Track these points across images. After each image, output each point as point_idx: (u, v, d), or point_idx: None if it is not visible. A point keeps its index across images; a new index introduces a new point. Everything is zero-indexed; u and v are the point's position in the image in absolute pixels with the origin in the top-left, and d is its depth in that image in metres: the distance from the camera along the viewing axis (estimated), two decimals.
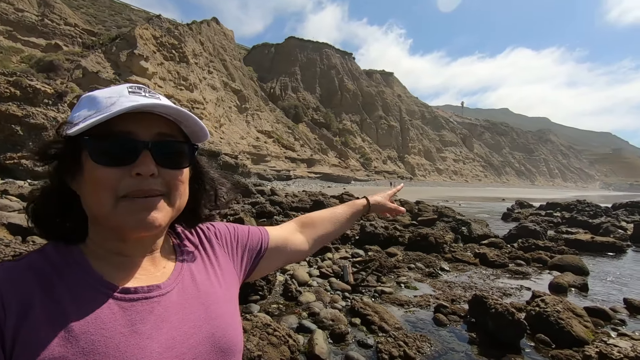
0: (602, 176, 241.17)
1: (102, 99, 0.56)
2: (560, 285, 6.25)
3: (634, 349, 3.15)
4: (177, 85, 46.38)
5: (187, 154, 0.62)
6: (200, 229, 0.78)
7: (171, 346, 0.55)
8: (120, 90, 0.58)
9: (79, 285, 0.54)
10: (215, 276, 0.71)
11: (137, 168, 0.54)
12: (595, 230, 13.24)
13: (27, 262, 0.54)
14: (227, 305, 0.68)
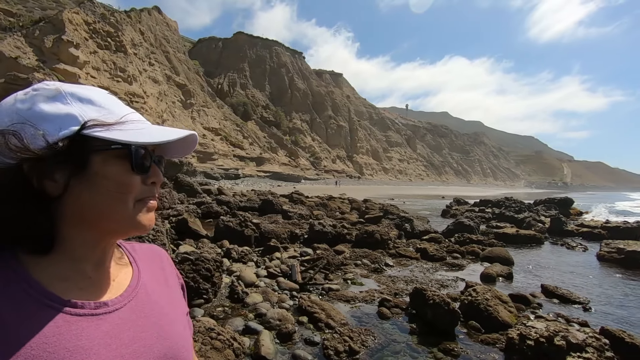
0: (526, 175, 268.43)
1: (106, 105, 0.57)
2: (490, 275, 6.85)
3: (548, 328, 3.56)
4: (113, 76, 42.81)
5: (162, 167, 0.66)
6: (158, 250, 0.79)
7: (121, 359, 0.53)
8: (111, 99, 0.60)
9: (18, 297, 0.48)
10: (170, 296, 0.70)
11: (153, 177, 0.60)
12: (519, 225, 14.70)
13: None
14: (180, 327, 0.67)
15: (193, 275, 4.58)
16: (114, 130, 0.53)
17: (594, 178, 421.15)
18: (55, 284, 0.53)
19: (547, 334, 3.48)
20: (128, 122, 0.56)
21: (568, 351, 3.32)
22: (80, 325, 0.51)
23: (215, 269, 4.86)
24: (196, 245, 7.19)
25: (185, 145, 0.67)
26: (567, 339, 3.39)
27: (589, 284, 7.05)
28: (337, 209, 17.64)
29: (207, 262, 4.78)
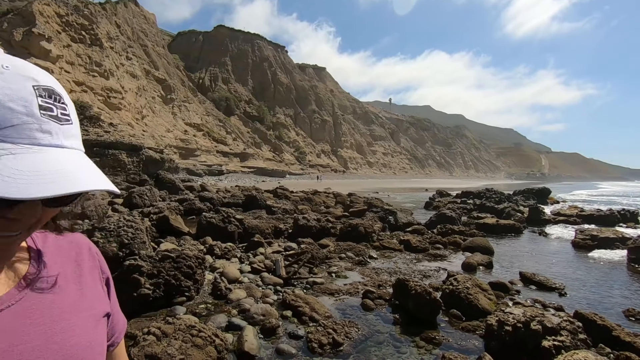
0: (506, 167, 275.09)
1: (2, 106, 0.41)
2: (471, 265, 7.00)
3: (525, 314, 3.66)
4: (88, 71, 41.30)
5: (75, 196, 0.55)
6: (79, 242, 0.67)
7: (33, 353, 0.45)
8: (26, 96, 0.43)
9: None
10: (79, 298, 0.58)
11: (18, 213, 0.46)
12: (499, 215, 15.08)
13: None
14: (85, 335, 0.55)
15: (174, 273, 4.50)
16: None
17: (571, 169, 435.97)
18: None
19: (524, 319, 3.58)
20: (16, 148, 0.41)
21: (544, 335, 3.43)
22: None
23: (197, 266, 4.79)
24: (178, 242, 7.07)
25: None
26: (543, 324, 3.50)
27: (565, 270, 7.31)
28: (322, 203, 17.67)
29: (189, 259, 4.70)
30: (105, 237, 5.16)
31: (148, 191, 12.94)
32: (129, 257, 4.85)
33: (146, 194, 12.74)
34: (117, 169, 24.33)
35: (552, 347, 3.31)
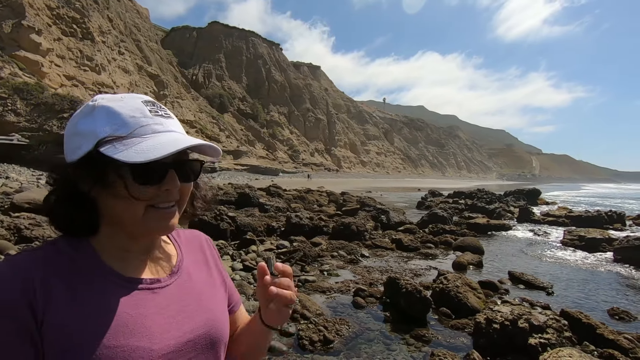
0: (497, 168, 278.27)
1: (126, 117, 0.62)
2: (461, 264, 7.09)
3: (512, 312, 3.73)
4: (79, 65, 40.68)
5: (198, 171, 0.73)
6: (198, 234, 0.89)
7: (167, 330, 0.64)
8: (139, 107, 0.64)
9: (90, 274, 0.62)
10: (208, 274, 0.81)
11: (167, 185, 0.63)
12: (490, 215, 15.26)
13: (43, 253, 0.61)
14: (217, 303, 0.78)
15: None
16: (120, 147, 0.59)
17: (560, 170, 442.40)
18: (117, 265, 0.66)
19: (512, 317, 3.65)
20: (136, 137, 0.61)
21: (530, 332, 3.50)
22: (138, 296, 0.64)
23: None
24: None
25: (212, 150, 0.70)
26: (530, 322, 3.57)
27: (552, 269, 7.44)
28: (315, 201, 17.69)
29: None
30: None
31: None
32: None
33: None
34: None
35: (539, 345, 3.38)
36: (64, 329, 0.55)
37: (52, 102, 25.93)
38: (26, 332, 0.54)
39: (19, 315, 0.54)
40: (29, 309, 0.54)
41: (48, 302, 0.56)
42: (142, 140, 0.61)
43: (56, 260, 0.61)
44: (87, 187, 0.62)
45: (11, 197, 10.66)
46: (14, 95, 24.68)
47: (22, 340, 0.53)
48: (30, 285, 0.55)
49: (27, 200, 9.58)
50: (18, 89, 25.22)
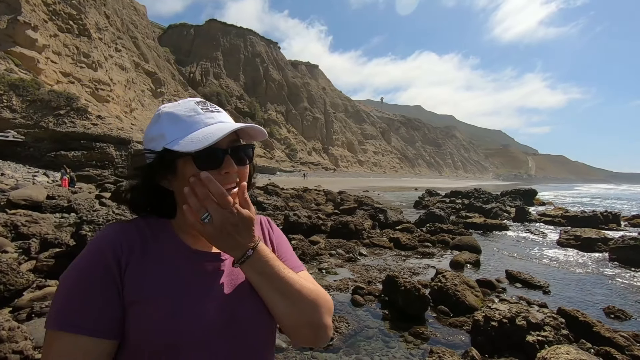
0: (494, 168, 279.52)
1: (184, 117, 0.75)
2: (459, 263, 7.13)
3: (510, 310, 3.76)
4: (76, 62, 40.37)
5: (251, 154, 0.82)
6: (258, 217, 0.96)
7: (220, 297, 0.74)
8: (193, 107, 0.77)
9: (164, 245, 0.76)
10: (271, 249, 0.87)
11: (225, 169, 0.74)
12: (487, 214, 15.34)
13: (135, 223, 0.77)
14: None
15: None
16: (180, 141, 0.71)
17: (556, 171, 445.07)
18: (189, 240, 0.79)
19: (510, 315, 3.67)
20: (193, 131, 0.73)
21: (528, 330, 3.53)
22: (202, 267, 0.76)
23: None
24: None
25: (257, 131, 0.80)
26: (528, 319, 3.60)
27: (549, 268, 7.50)
28: (313, 200, 17.70)
29: None
30: (93, 231, 5.09)
31: None
32: None
33: None
34: (105, 163, 23.91)
35: (536, 342, 3.41)
36: (139, 282, 0.69)
37: (48, 99, 25.74)
38: (112, 279, 0.68)
39: (109, 266, 0.68)
40: (115, 261, 0.69)
41: (130, 258, 0.70)
42: (197, 132, 0.72)
43: (141, 230, 0.76)
44: (163, 180, 0.77)
45: (7, 194, 10.59)
46: (10, 91, 24.47)
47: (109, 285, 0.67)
48: (119, 245, 0.70)
49: (23, 197, 9.52)
50: (14, 85, 25.01)
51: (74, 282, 0.67)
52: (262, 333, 0.78)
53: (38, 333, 3.17)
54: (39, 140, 23.11)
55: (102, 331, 0.65)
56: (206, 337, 0.70)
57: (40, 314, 3.53)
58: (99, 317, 0.65)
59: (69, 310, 0.65)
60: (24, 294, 4.03)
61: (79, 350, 0.63)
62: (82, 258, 0.70)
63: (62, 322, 0.64)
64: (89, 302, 0.65)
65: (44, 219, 7.64)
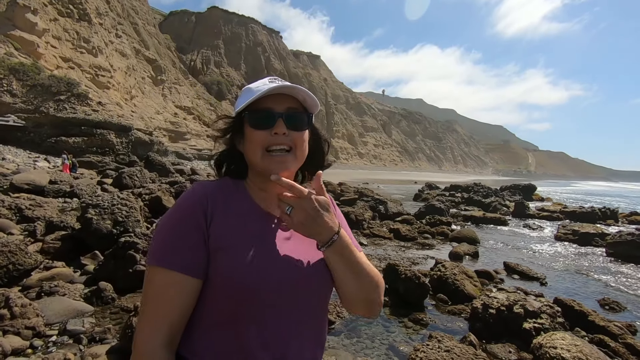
0: (494, 163, 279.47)
1: (253, 88, 0.85)
2: (458, 254, 7.23)
3: (508, 299, 3.85)
4: (76, 47, 39.98)
5: (305, 121, 0.88)
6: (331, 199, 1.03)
7: (290, 256, 0.81)
8: (264, 81, 0.87)
9: (241, 202, 0.86)
10: None
11: (275, 129, 0.82)
12: (486, 208, 15.44)
13: (218, 183, 0.89)
14: None
15: None
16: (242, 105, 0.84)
17: (556, 167, 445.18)
18: (259, 201, 0.88)
19: (508, 303, 3.77)
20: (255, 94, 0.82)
21: (525, 318, 3.62)
22: (270, 225, 0.85)
23: None
24: None
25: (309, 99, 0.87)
26: (525, 307, 3.69)
27: (546, 261, 7.61)
28: None
29: None
30: (99, 215, 5.15)
31: (138, 172, 12.80)
32: (123, 234, 4.87)
33: (136, 175, 12.60)
34: (106, 149, 23.85)
35: (533, 329, 3.51)
36: (221, 232, 0.78)
37: (48, 84, 25.57)
38: (199, 227, 0.77)
39: (198, 216, 0.78)
40: (202, 213, 0.78)
41: (214, 212, 0.80)
42: (253, 96, 0.82)
43: (223, 189, 0.86)
44: (239, 144, 0.89)
45: (8, 178, 10.63)
46: (10, 75, 24.29)
47: (197, 232, 0.76)
48: (205, 199, 0.80)
49: (26, 182, 9.57)
50: (14, 70, 24.81)
51: (168, 227, 0.78)
52: (323, 299, 0.86)
53: (49, 310, 3.26)
54: (39, 125, 23.01)
55: (190, 269, 0.74)
56: (281, 287, 0.77)
57: (49, 293, 3.61)
58: (188, 257, 0.75)
59: (163, 249, 0.76)
60: (32, 274, 4.10)
61: (171, 283, 0.74)
62: (176, 207, 0.81)
63: (158, 258, 0.76)
64: (181, 244, 0.76)
65: (48, 203, 7.70)
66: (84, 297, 3.74)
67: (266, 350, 0.75)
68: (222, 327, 0.76)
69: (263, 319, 0.76)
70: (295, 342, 0.79)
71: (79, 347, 2.86)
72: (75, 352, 2.72)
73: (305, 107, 0.89)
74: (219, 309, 0.76)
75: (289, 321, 0.78)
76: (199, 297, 0.77)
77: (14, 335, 2.82)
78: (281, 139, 0.82)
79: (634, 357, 3.28)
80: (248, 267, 0.75)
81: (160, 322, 0.73)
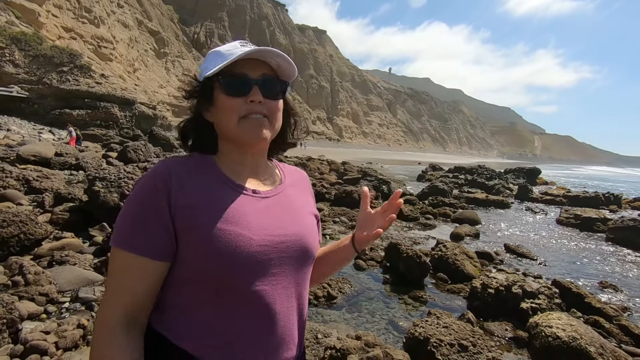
0: (499, 146, 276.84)
1: (224, 52, 0.81)
2: (459, 235, 7.30)
3: (507, 279, 3.93)
4: (77, 16, 39.15)
5: (280, 89, 0.85)
6: (300, 171, 1.06)
7: (265, 227, 0.80)
8: (235, 45, 0.82)
9: (211, 178, 0.82)
10: (303, 200, 0.96)
11: (250, 97, 0.79)
12: (489, 190, 15.44)
13: (183, 158, 0.84)
14: (309, 220, 0.93)
15: None
16: (213, 69, 0.78)
17: (562, 151, 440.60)
18: (231, 175, 0.85)
19: (506, 283, 3.85)
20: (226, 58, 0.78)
21: (523, 298, 3.71)
22: (243, 198, 0.82)
23: None
24: None
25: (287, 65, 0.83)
26: (523, 288, 3.77)
27: (547, 244, 7.68)
28: (317, 169, 17.78)
29: None
30: (106, 187, 5.21)
31: (143, 146, 12.80)
32: None
33: (141, 149, 12.60)
34: (110, 122, 23.80)
35: (530, 309, 3.59)
36: (191, 210, 0.75)
37: (50, 55, 25.21)
38: (161, 208, 0.75)
39: (159, 195, 0.75)
40: (165, 193, 0.75)
41: (179, 190, 0.77)
42: (226, 61, 0.78)
43: (189, 165, 0.82)
44: (206, 112, 0.85)
45: (15, 149, 10.69)
46: (12, 45, 23.93)
47: (158, 213, 0.74)
48: (168, 178, 0.77)
49: (32, 153, 9.63)
50: (16, 39, 24.41)
51: (129, 209, 0.76)
52: (303, 269, 0.86)
53: (61, 279, 3.36)
54: (42, 97, 22.88)
55: (150, 252, 0.73)
56: (259, 261, 0.77)
57: (60, 262, 3.72)
58: (148, 239, 0.73)
59: (124, 231, 0.75)
60: (42, 244, 4.21)
61: (131, 265, 0.73)
62: (138, 188, 0.78)
63: (118, 240, 0.75)
64: (141, 226, 0.74)
65: (54, 175, 7.77)
66: (93, 267, 3.85)
67: (245, 321, 0.76)
68: (198, 304, 0.75)
69: (242, 293, 0.75)
70: (276, 312, 0.79)
71: (91, 313, 2.98)
72: (88, 319, 2.83)
73: (278, 74, 0.85)
74: (195, 286, 0.75)
75: (268, 295, 0.77)
76: (173, 275, 0.76)
77: (28, 301, 2.93)
78: (257, 107, 0.80)
79: (627, 337, 3.37)
80: (223, 244, 0.73)
81: (117, 302, 0.73)
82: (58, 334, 2.49)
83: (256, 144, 0.84)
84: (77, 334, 2.55)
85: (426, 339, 2.79)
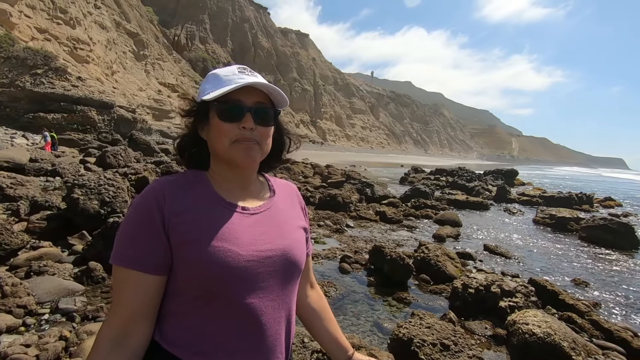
0: (479, 147, 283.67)
1: (222, 77, 0.86)
2: (440, 236, 7.48)
3: (486, 279, 4.07)
4: (52, 17, 37.89)
5: (272, 116, 0.90)
6: (291, 185, 1.09)
7: (253, 243, 0.83)
8: (233, 70, 0.88)
9: (203, 195, 0.86)
10: (293, 215, 1.00)
11: (243, 123, 0.83)
12: (470, 192, 15.84)
13: (177, 177, 0.88)
14: (298, 234, 0.96)
15: None
16: (209, 93, 0.83)
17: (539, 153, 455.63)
18: (222, 192, 0.89)
19: (486, 283, 3.99)
20: (223, 87, 0.83)
21: (501, 297, 3.85)
22: (233, 215, 0.86)
23: None
24: None
25: (279, 96, 0.89)
26: (501, 287, 3.92)
27: (524, 244, 7.96)
28: (301, 172, 17.81)
29: None
30: (85, 195, 5.09)
31: (122, 151, 12.53)
32: (111, 214, 4.85)
33: (120, 154, 12.34)
34: (87, 127, 23.13)
35: (508, 307, 3.74)
36: (183, 227, 0.79)
37: (24, 57, 24.33)
38: (156, 226, 0.79)
39: (153, 213, 0.79)
40: (159, 211, 0.79)
41: (173, 208, 0.81)
42: (224, 87, 0.83)
43: (183, 183, 0.87)
44: (202, 130, 0.90)
45: None
46: None
47: (153, 230, 0.78)
48: (162, 197, 0.81)
49: (5, 159, 9.28)
50: None
51: (126, 227, 0.81)
52: (290, 282, 0.90)
53: (39, 290, 3.28)
54: (15, 100, 22.03)
55: (146, 267, 0.77)
56: (249, 275, 0.81)
57: (39, 272, 3.62)
58: (144, 255, 0.77)
59: (121, 248, 0.79)
60: (19, 254, 4.08)
61: (128, 281, 0.77)
62: (133, 207, 0.82)
63: (118, 257, 0.79)
64: (136, 243, 0.78)
65: (29, 182, 7.51)
66: (73, 277, 3.76)
67: (234, 332, 0.80)
68: (189, 313, 0.79)
69: (231, 306, 0.79)
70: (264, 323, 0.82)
71: (72, 324, 2.92)
72: (70, 330, 2.77)
73: (272, 101, 0.90)
74: (189, 298, 0.79)
75: (257, 307, 0.81)
76: (167, 286, 0.81)
77: (5, 313, 2.85)
78: (249, 133, 0.84)
79: (597, 331, 3.56)
80: (214, 259, 0.77)
81: (118, 317, 0.77)
82: (39, 346, 2.44)
83: (246, 166, 0.88)
84: (59, 346, 2.50)
85: (410, 339, 2.87)
